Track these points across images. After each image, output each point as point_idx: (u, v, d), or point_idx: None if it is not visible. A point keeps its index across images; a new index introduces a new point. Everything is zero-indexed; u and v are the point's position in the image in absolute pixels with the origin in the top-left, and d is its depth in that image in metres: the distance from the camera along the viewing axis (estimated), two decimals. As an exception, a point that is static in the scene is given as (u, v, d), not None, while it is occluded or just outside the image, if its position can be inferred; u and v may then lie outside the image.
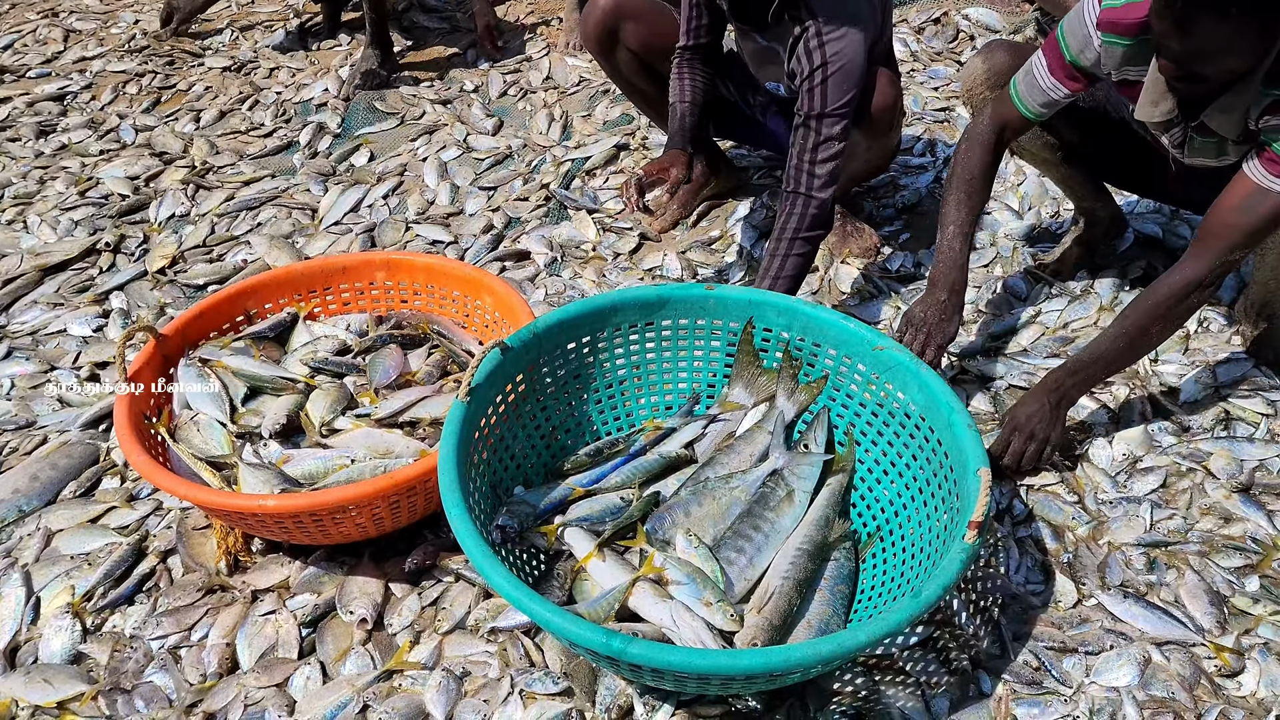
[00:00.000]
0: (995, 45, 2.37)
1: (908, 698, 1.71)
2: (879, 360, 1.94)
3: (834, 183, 2.33)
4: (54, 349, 2.70)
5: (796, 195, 2.32)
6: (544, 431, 2.05)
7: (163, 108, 3.94)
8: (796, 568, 1.77)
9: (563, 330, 2.00)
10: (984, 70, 2.33)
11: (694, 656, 1.48)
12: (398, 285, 2.43)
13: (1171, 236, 2.73)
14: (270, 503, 1.82)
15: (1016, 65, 2.26)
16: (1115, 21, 1.90)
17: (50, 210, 3.29)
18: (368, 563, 2.02)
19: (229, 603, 1.97)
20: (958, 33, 3.93)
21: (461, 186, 3.30)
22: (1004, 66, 2.29)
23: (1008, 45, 2.38)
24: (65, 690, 1.82)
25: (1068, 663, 1.75)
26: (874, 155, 2.65)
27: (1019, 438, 2.06)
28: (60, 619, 1.94)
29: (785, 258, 2.33)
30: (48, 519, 2.17)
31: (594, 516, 1.88)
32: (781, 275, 2.33)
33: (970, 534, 1.57)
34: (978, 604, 1.86)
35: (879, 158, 2.70)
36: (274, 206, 3.25)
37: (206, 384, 2.13)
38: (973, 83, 2.36)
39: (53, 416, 2.46)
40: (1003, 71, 2.29)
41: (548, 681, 1.77)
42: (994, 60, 2.32)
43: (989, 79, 2.32)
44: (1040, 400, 2.06)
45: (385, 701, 1.76)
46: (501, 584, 1.51)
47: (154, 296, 2.87)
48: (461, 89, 3.93)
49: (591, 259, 2.92)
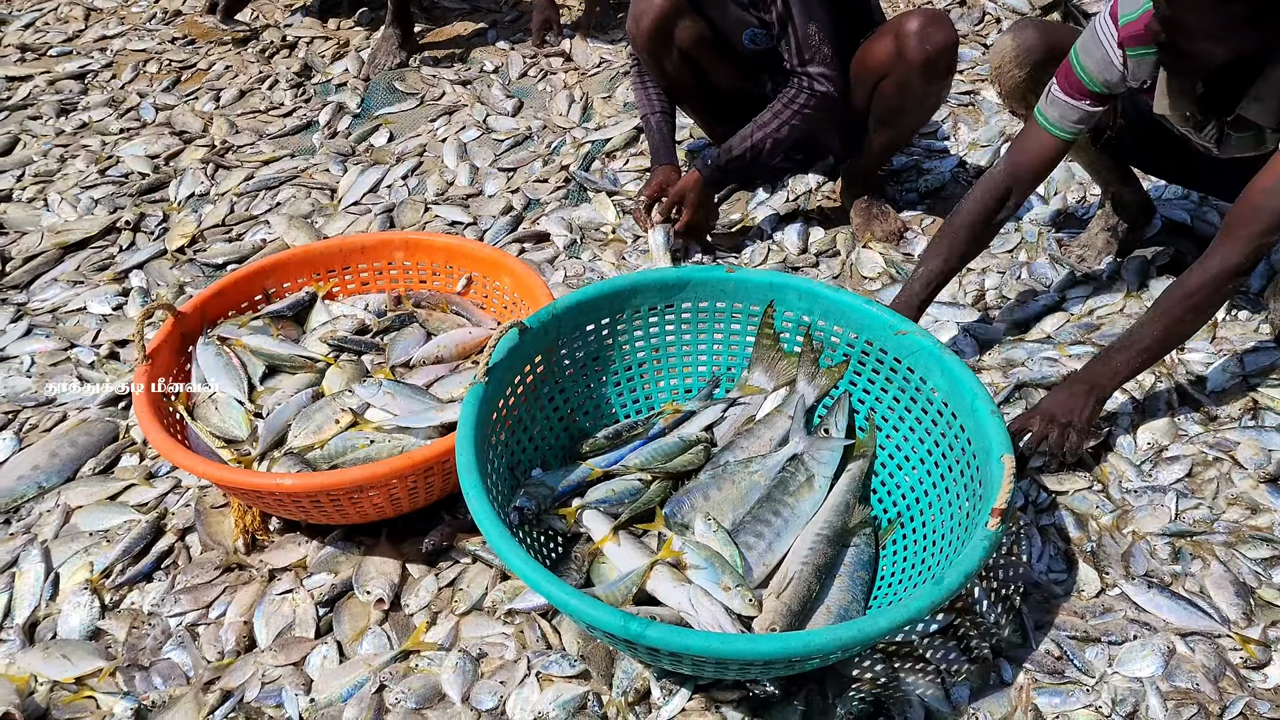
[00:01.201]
0: (1024, 23, 2.33)
1: (927, 685, 1.70)
2: (901, 344, 1.92)
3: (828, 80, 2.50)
4: (74, 326, 2.71)
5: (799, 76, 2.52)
6: (562, 413, 2.04)
7: (183, 86, 3.93)
8: (816, 553, 1.75)
9: (582, 312, 1.99)
10: (1013, 48, 2.29)
11: (713, 640, 1.46)
12: (416, 265, 2.42)
13: (1200, 223, 2.68)
14: (288, 482, 1.81)
15: (1046, 43, 2.23)
16: (1136, 34, 1.88)
17: (71, 188, 3.29)
18: (385, 543, 2.01)
19: (246, 581, 1.97)
20: (984, 15, 3.88)
21: (481, 167, 3.28)
22: (1033, 44, 2.25)
23: (1037, 24, 2.34)
24: (83, 666, 1.82)
25: (1090, 652, 1.73)
26: (927, 104, 2.62)
27: (1055, 428, 2.00)
28: (79, 595, 1.95)
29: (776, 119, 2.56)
30: (67, 496, 2.18)
31: (612, 499, 1.86)
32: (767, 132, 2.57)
33: (993, 521, 1.55)
34: (999, 592, 1.84)
35: (931, 105, 2.65)
36: (293, 186, 3.24)
37: (225, 362, 2.13)
38: (1001, 60, 2.32)
39: (72, 394, 2.46)
40: (1032, 49, 2.25)
41: (564, 664, 1.76)
42: (1023, 38, 2.28)
43: (1018, 56, 2.28)
44: (1073, 390, 2.01)
45: (402, 681, 1.76)
46: (519, 565, 1.50)
47: (173, 275, 2.87)
48: (482, 69, 3.91)
49: (611, 241, 2.90)
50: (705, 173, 2.64)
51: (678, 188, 2.66)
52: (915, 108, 2.60)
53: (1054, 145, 2.09)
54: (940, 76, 2.53)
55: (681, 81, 2.81)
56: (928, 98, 2.58)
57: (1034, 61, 2.25)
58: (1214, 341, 2.34)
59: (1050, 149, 2.10)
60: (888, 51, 2.49)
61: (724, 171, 2.65)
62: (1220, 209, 2.72)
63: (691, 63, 2.76)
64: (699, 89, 2.85)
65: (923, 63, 2.46)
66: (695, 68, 2.78)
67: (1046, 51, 2.24)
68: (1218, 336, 2.36)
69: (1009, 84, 2.32)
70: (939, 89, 2.59)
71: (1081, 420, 2.00)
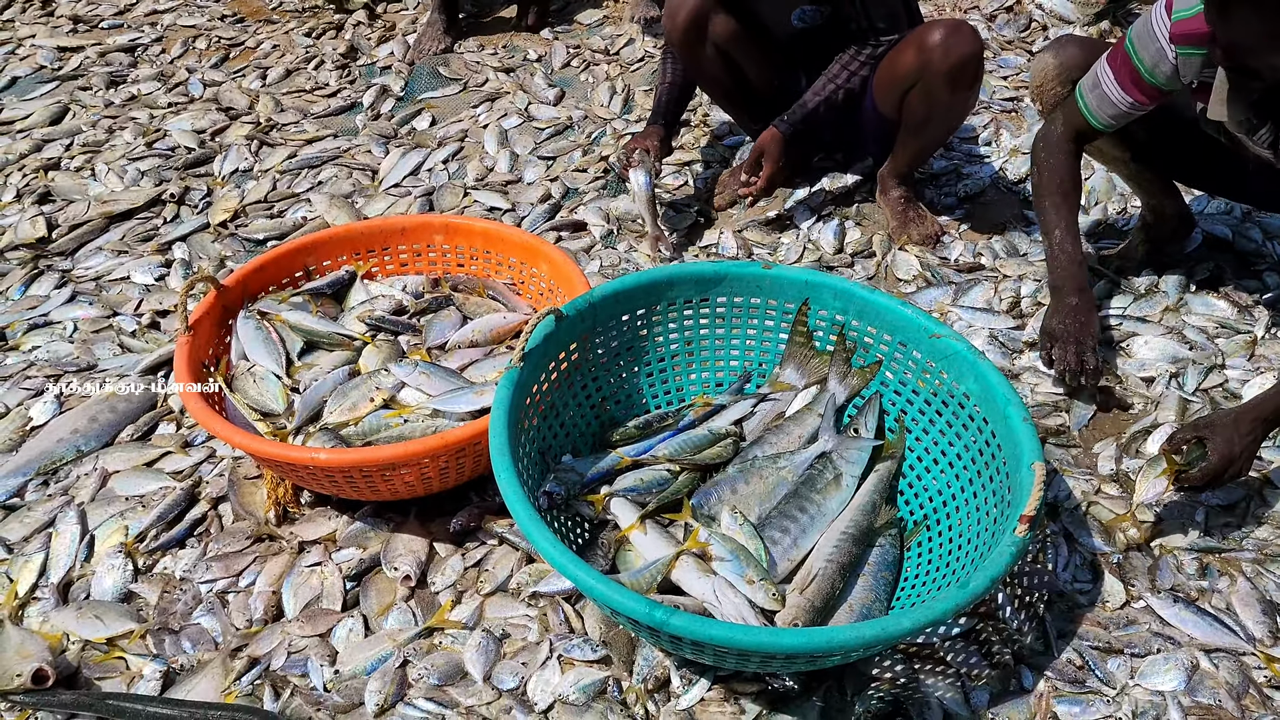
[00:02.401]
0: (1066, 40, 2.33)
1: (947, 688, 1.70)
2: (935, 348, 1.92)
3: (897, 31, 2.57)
4: (117, 295, 2.75)
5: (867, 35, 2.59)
6: (594, 401, 2.05)
7: (231, 64, 3.98)
8: (840, 551, 1.76)
9: (618, 301, 2.00)
10: (1055, 65, 2.29)
11: (736, 632, 1.48)
12: (455, 249, 2.44)
13: (1241, 239, 2.66)
14: (322, 456, 1.84)
15: (1088, 60, 2.22)
16: (1189, 33, 1.88)
17: (118, 159, 3.34)
18: (414, 521, 2.04)
19: (276, 552, 2.00)
20: (1030, 22, 3.85)
21: (521, 155, 3.30)
22: (1076, 61, 2.25)
23: (1079, 40, 2.34)
24: (115, 627, 1.86)
25: (1112, 663, 1.73)
26: (954, 113, 2.63)
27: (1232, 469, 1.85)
28: (113, 558, 1.99)
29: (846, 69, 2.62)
30: (105, 460, 2.22)
31: (640, 488, 1.88)
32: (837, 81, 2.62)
33: (1021, 527, 1.55)
34: (1023, 599, 1.83)
35: (959, 114, 2.66)
36: (335, 166, 3.28)
37: (264, 336, 2.16)
38: (1044, 78, 2.32)
39: (113, 361, 2.51)
40: (1074, 66, 2.25)
41: (586, 648, 1.78)
42: (1065, 55, 2.28)
43: (1060, 74, 2.28)
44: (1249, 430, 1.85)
45: (425, 658, 1.79)
46: (546, 548, 1.51)
47: (215, 249, 2.91)
48: (525, 58, 3.92)
49: (647, 233, 2.90)
50: (782, 128, 2.66)
51: (758, 145, 2.67)
52: (942, 117, 2.61)
53: (1087, 126, 2.14)
54: (966, 87, 2.53)
55: (716, 76, 2.82)
56: (954, 107, 2.59)
57: (1076, 79, 2.24)
58: (1252, 359, 2.33)
59: (1084, 128, 2.15)
60: (912, 63, 2.51)
61: (800, 124, 2.66)
62: (1264, 225, 2.69)
63: (726, 58, 2.77)
64: (734, 85, 2.85)
65: (947, 74, 2.47)
66: (730, 63, 2.78)
67: (1088, 68, 2.23)
68: (1256, 354, 2.33)
69: (1051, 100, 2.32)
70: (965, 99, 2.59)
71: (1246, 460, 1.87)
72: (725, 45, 2.75)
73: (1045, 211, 2.20)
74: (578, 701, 1.70)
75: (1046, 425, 2.19)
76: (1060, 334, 2.13)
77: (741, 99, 2.92)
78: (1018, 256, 2.70)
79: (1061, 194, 2.18)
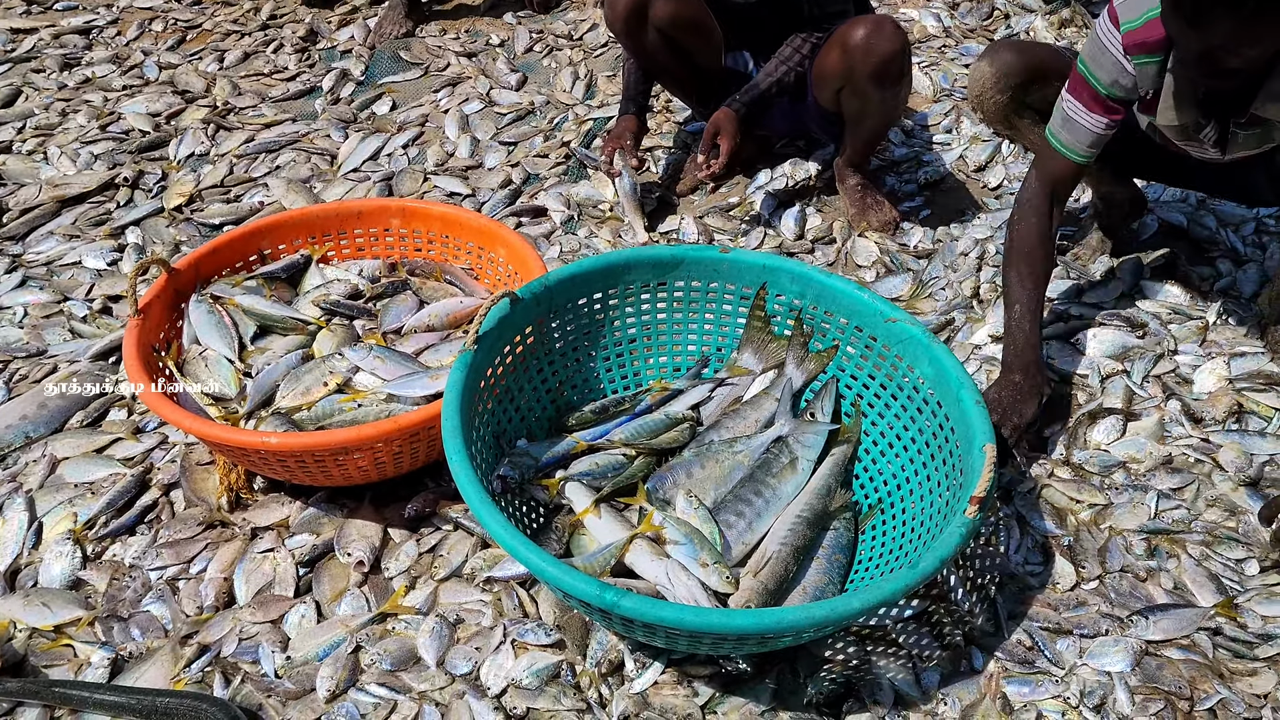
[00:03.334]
0: (1001, 46, 2.31)
1: (899, 669, 1.71)
2: (891, 332, 1.92)
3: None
4: (68, 280, 2.71)
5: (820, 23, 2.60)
6: (550, 386, 2.04)
7: (187, 46, 3.92)
8: (795, 534, 1.77)
9: (575, 285, 1.99)
10: (992, 73, 2.27)
11: (687, 614, 1.47)
12: (412, 233, 2.42)
13: (1196, 226, 2.69)
14: (274, 440, 1.82)
15: (1025, 65, 2.23)
16: (1142, 42, 1.88)
17: (70, 143, 3.28)
18: (368, 507, 2.02)
19: (228, 538, 1.98)
20: (993, 9, 3.87)
21: (482, 140, 3.28)
22: (1012, 67, 2.25)
23: (1013, 45, 2.33)
24: (63, 614, 1.84)
25: (1061, 644, 1.75)
26: (887, 108, 2.63)
27: None
28: (61, 544, 1.96)
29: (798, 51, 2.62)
30: (53, 446, 2.19)
31: (596, 472, 1.88)
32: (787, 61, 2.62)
33: (972, 509, 1.56)
34: (975, 581, 1.85)
35: (891, 109, 2.66)
36: (293, 150, 3.24)
37: (216, 320, 2.13)
38: (982, 87, 2.30)
39: (63, 346, 2.47)
40: (1011, 72, 2.25)
41: (540, 633, 1.77)
42: (1001, 62, 2.26)
43: (998, 81, 2.27)
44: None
45: (378, 643, 1.78)
46: (498, 530, 1.51)
47: (169, 233, 2.87)
48: (487, 43, 3.90)
49: (608, 219, 2.90)
50: (735, 107, 2.65)
51: (712, 123, 2.64)
52: (877, 112, 2.62)
53: (1072, 168, 2.08)
54: (893, 84, 2.54)
55: (660, 61, 2.81)
56: (885, 103, 2.59)
57: (1014, 85, 2.25)
58: (1204, 345, 2.35)
59: (1070, 170, 2.09)
60: (838, 63, 2.52)
61: (753, 105, 2.66)
62: (1219, 213, 2.72)
63: (670, 42, 2.75)
64: (680, 68, 2.83)
65: (871, 74, 2.48)
66: (674, 47, 2.76)
67: (1025, 73, 2.24)
68: (1207, 340, 2.36)
69: (991, 109, 2.31)
70: (894, 94, 2.60)
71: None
72: (667, 29, 2.72)
73: (1010, 283, 2.12)
74: (531, 685, 1.70)
75: (1001, 409, 2.20)
76: (993, 405, 2.04)
77: (690, 82, 2.91)
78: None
79: (1029, 264, 2.11)
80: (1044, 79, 2.25)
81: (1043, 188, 2.12)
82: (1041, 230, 2.12)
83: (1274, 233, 2.66)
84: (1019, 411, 2.07)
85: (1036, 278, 2.12)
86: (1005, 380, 2.10)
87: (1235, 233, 2.66)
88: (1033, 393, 2.08)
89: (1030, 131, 2.36)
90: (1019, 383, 2.08)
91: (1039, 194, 2.12)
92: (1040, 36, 3.67)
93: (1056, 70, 2.24)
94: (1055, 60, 2.26)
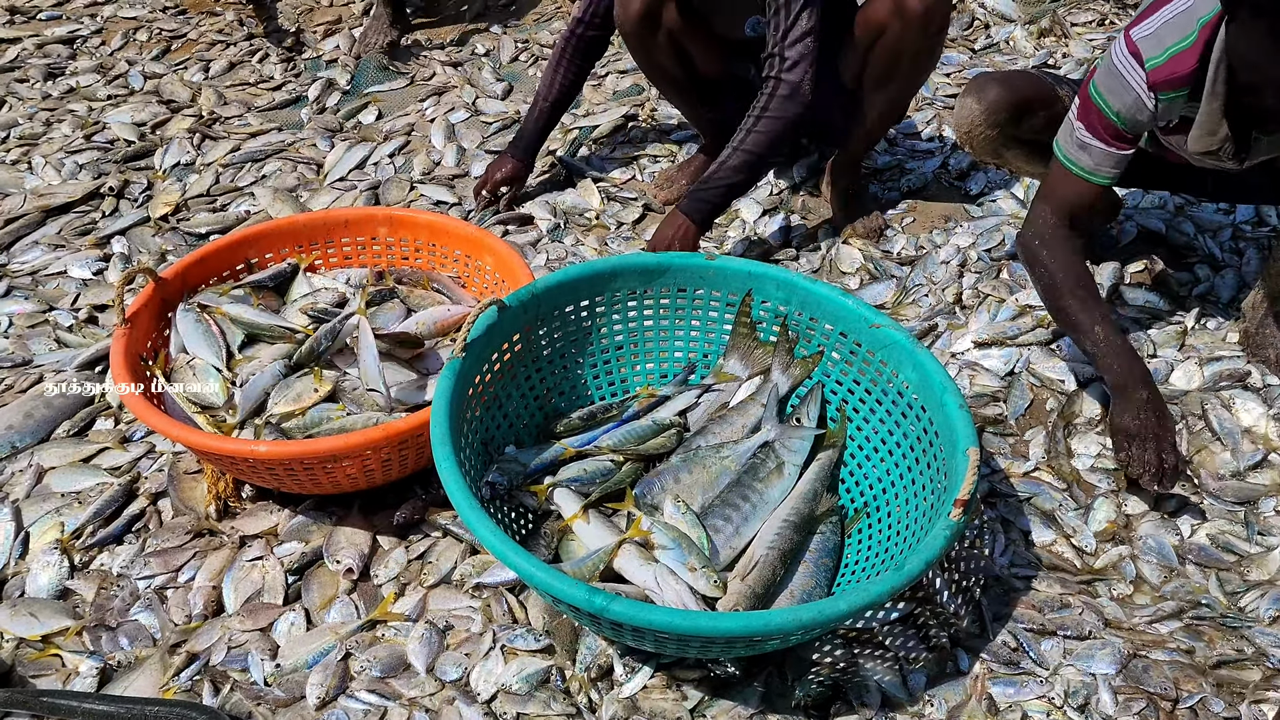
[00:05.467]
0: (984, 81, 2.33)
1: (885, 671, 1.73)
2: (875, 338, 1.94)
3: (802, 64, 2.42)
4: (53, 290, 2.70)
5: (767, 79, 2.45)
6: (538, 393, 2.05)
7: (172, 56, 3.92)
8: (782, 539, 1.78)
9: (561, 292, 2.00)
10: (980, 110, 2.29)
11: (675, 617, 1.49)
12: (399, 242, 2.43)
13: (1174, 232, 2.73)
14: (262, 449, 1.82)
15: (1012, 99, 2.25)
16: (1169, 79, 1.88)
17: (55, 152, 3.28)
18: (357, 514, 2.03)
19: (217, 547, 1.98)
20: (973, 20, 3.91)
21: (468, 149, 3.29)
22: (1000, 102, 2.27)
23: (996, 78, 2.34)
24: (50, 624, 1.83)
25: (1046, 645, 1.77)
26: (922, 62, 2.60)
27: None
28: (49, 554, 1.96)
29: (748, 132, 2.46)
30: (40, 456, 2.18)
31: (584, 478, 1.89)
32: (742, 147, 2.46)
33: (956, 511, 1.57)
34: (960, 583, 1.87)
35: (925, 64, 2.63)
36: (279, 159, 3.24)
37: (204, 329, 2.13)
38: (971, 124, 2.32)
39: (49, 356, 2.47)
40: (1000, 108, 2.27)
41: (530, 638, 1.78)
42: (988, 98, 2.28)
43: (987, 118, 2.29)
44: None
45: (367, 650, 1.78)
46: (486, 535, 1.51)
47: (155, 243, 2.87)
48: (473, 52, 3.91)
49: (594, 227, 2.91)
50: (697, 217, 2.51)
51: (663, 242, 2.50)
52: (910, 65, 2.57)
53: (1094, 191, 2.05)
54: (936, 30, 2.53)
55: (667, 67, 2.81)
56: (920, 56, 2.56)
57: (1003, 120, 2.28)
58: (1182, 349, 2.38)
59: (1092, 194, 2.05)
60: (886, 9, 2.49)
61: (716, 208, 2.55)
62: (1196, 219, 2.76)
63: (678, 47, 2.77)
64: (684, 74, 2.85)
65: (921, 16, 2.45)
66: (681, 53, 2.78)
67: (1013, 107, 2.27)
68: (1186, 344, 2.39)
69: (980, 144, 2.34)
70: (933, 46, 2.57)
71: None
72: (677, 34, 2.73)
73: (1072, 313, 2.02)
74: (521, 691, 1.70)
75: (985, 415, 2.23)
76: (1137, 432, 1.95)
77: (689, 87, 2.92)
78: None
79: (1085, 289, 2.02)
80: (1030, 110, 2.28)
81: (1060, 219, 2.06)
82: (1078, 257, 2.05)
83: (1251, 239, 2.70)
84: (1166, 427, 1.95)
85: (1096, 297, 2.03)
86: (1130, 402, 1.96)
87: (1213, 239, 2.70)
88: (1164, 403, 1.98)
89: (1018, 159, 2.39)
90: (1148, 398, 1.96)
91: (1058, 225, 2.06)
92: (1020, 47, 3.71)
93: (1041, 100, 2.27)
94: (1038, 89, 2.29)
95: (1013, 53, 3.70)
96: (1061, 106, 2.23)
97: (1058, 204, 2.08)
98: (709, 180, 2.51)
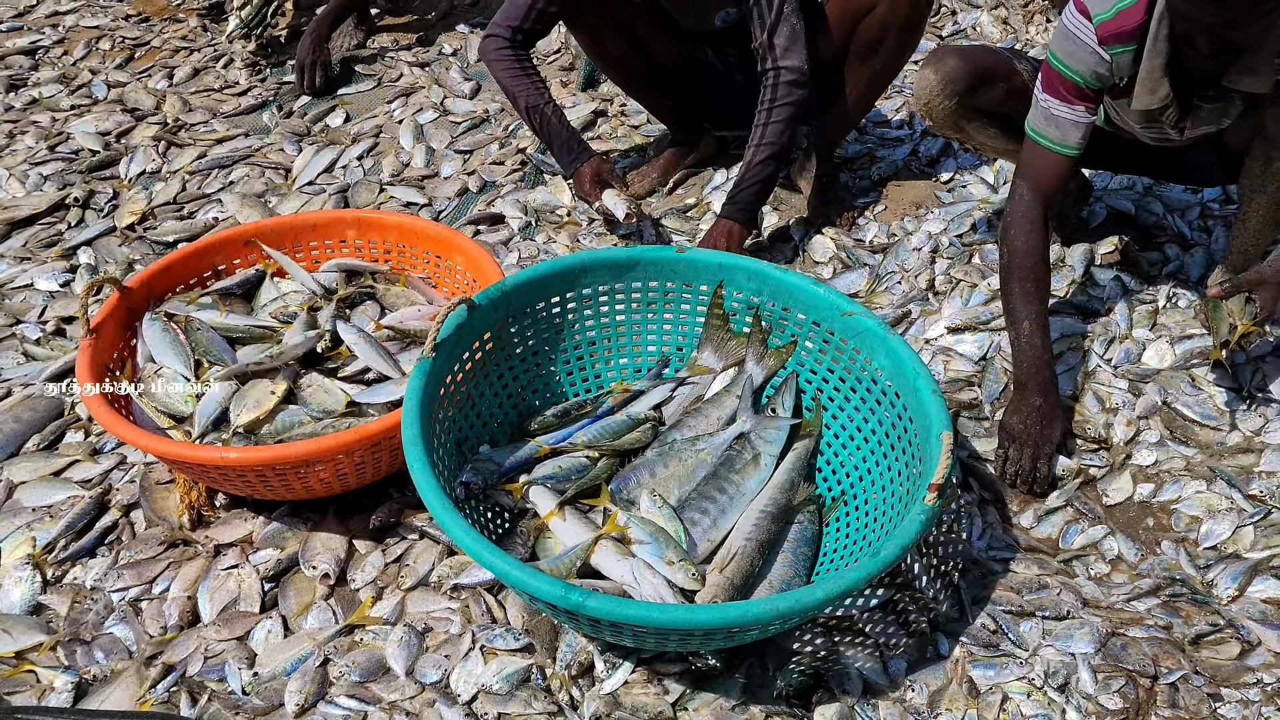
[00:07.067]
0: (943, 52, 2.34)
1: (866, 658, 1.73)
2: (847, 325, 1.94)
3: (794, 47, 2.49)
4: (20, 303, 2.67)
5: (765, 73, 2.51)
6: (511, 391, 2.04)
7: (136, 64, 3.87)
8: (760, 529, 1.78)
9: (532, 289, 1.99)
10: (938, 80, 2.30)
11: (653, 610, 1.48)
12: (368, 244, 2.41)
13: (1143, 213, 2.74)
14: (232, 455, 1.81)
15: (968, 70, 2.25)
16: (1118, 32, 1.92)
17: (19, 164, 3.23)
18: (332, 519, 2.01)
19: (191, 557, 1.96)
20: (940, 6, 3.91)
21: (437, 149, 3.27)
22: (957, 73, 2.28)
23: (957, 51, 2.36)
24: (24, 640, 1.81)
25: (1025, 626, 1.77)
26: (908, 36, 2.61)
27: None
28: (20, 570, 1.93)
29: (764, 128, 2.52)
30: (10, 471, 2.15)
31: (559, 475, 1.88)
32: (764, 142, 2.52)
33: (930, 496, 1.58)
34: (938, 568, 1.87)
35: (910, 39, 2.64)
36: (247, 165, 3.21)
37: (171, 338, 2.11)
38: (929, 95, 2.32)
39: (17, 370, 2.43)
40: (957, 78, 2.27)
41: (509, 637, 1.77)
42: (946, 69, 2.29)
43: (944, 88, 2.29)
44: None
45: (346, 655, 1.77)
46: (460, 535, 1.51)
47: (122, 252, 2.84)
48: (440, 52, 3.88)
49: (566, 224, 2.90)
50: (742, 218, 2.57)
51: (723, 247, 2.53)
52: (895, 41, 2.60)
53: (1064, 163, 2.06)
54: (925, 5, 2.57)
55: (626, 60, 2.80)
56: (907, 31, 2.59)
57: (961, 90, 2.28)
58: (1154, 328, 2.40)
59: (1063, 166, 2.07)
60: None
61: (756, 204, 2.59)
62: (1165, 199, 2.77)
63: (634, 40, 2.75)
64: (644, 66, 2.83)
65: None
66: (637, 45, 2.77)
67: (970, 77, 2.27)
68: (1158, 323, 2.41)
69: (940, 115, 2.34)
70: (919, 20, 2.59)
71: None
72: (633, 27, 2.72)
73: (1013, 298, 2.06)
74: (501, 691, 1.70)
75: (959, 399, 2.23)
76: (1019, 435, 2.00)
77: (650, 79, 2.90)
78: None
79: (1033, 280, 2.04)
80: (989, 81, 2.29)
81: (1035, 196, 2.08)
82: (1039, 242, 2.07)
83: (1219, 216, 2.72)
84: (1047, 438, 2.00)
85: (1042, 294, 2.06)
86: (1024, 403, 2.02)
87: (1182, 218, 2.71)
88: (1055, 413, 2.02)
89: (980, 133, 2.40)
90: (1040, 405, 2.00)
91: (1032, 205, 2.07)
92: (986, 31, 3.72)
93: (1000, 71, 2.28)
94: (996, 61, 2.30)
95: (979, 39, 3.71)
96: (1020, 80, 2.26)
97: (1032, 180, 2.11)
98: (741, 183, 2.56)
